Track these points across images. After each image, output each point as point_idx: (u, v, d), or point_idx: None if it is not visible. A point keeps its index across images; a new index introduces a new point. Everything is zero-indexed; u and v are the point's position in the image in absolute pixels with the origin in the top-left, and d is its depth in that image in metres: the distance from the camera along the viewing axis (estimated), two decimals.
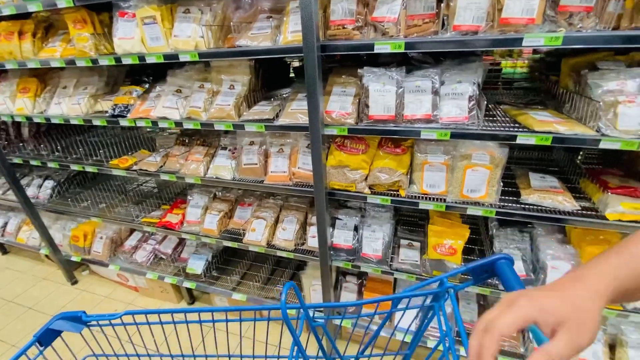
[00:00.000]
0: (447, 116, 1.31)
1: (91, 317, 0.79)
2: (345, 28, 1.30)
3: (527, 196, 1.39)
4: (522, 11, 1.06)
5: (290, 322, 0.65)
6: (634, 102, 1.09)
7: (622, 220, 1.22)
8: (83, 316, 0.78)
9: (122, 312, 0.80)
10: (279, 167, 1.72)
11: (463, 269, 0.67)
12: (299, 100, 1.58)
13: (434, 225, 1.69)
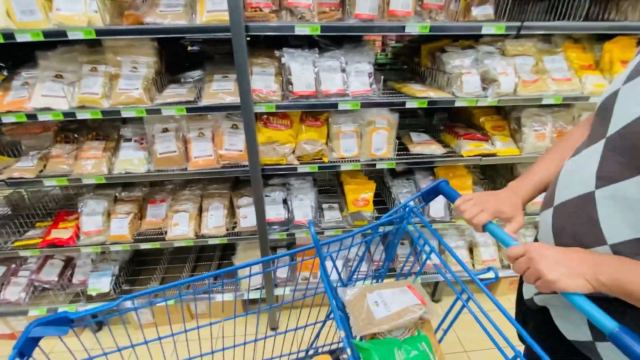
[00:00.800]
0: (355, 90, 1.60)
1: (78, 314, 0.71)
2: (262, 10, 1.41)
3: (413, 148, 1.85)
4: (402, 5, 1.42)
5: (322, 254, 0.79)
6: (471, 73, 1.62)
7: (470, 155, 1.79)
8: (70, 315, 0.70)
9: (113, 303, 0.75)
10: (204, 151, 1.69)
11: (417, 195, 0.96)
12: (217, 82, 1.59)
13: (349, 185, 2.01)
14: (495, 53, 1.72)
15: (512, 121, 1.93)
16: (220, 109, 1.51)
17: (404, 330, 0.77)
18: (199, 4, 1.38)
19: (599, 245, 0.68)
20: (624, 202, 0.63)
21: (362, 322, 0.76)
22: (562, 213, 0.76)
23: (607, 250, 0.66)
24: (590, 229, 0.68)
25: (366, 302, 0.81)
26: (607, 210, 0.66)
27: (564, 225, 0.75)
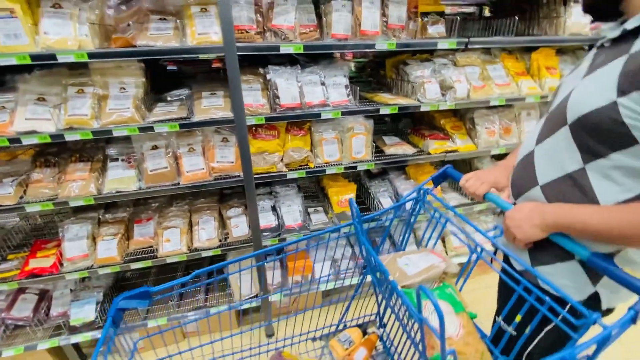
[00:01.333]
0: (335, 100, 1.78)
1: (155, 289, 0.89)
2: (248, 32, 1.55)
3: (388, 150, 2.07)
4: (372, 26, 1.64)
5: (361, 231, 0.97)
6: (431, 82, 1.88)
7: (437, 152, 2.05)
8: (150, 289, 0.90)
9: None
10: (195, 165, 1.74)
11: (429, 178, 1.17)
12: (207, 98, 1.68)
13: (332, 188, 2.17)
14: (449, 64, 2.01)
15: (467, 121, 2.23)
16: (213, 123, 1.60)
17: (431, 283, 0.93)
18: (189, 27, 1.48)
19: (534, 187, 0.92)
20: (550, 152, 0.88)
21: (398, 278, 0.91)
22: (517, 169, 1.01)
23: (537, 190, 0.91)
24: (529, 175, 0.93)
25: (397, 264, 0.96)
26: (539, 160, 0.91)
27: (516, 177, 1.00)
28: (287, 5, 1.55)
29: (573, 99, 0.82)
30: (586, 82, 0.81)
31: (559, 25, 1.95)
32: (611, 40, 0.82)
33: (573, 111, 0.81)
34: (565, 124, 0.83)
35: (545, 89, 2.07)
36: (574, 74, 0.92)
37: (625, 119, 0.71)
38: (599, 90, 0.76)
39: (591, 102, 0.77)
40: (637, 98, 0.69)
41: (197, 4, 1.50)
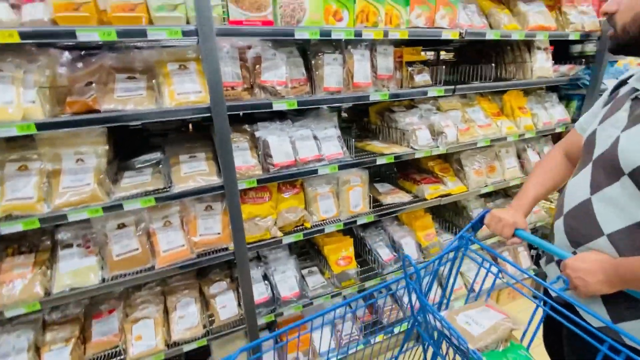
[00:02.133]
0: (329, 153, 1.65)
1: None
2: (234, 89, 1.39)
3: (384, 199, 1.96)
4: (364, 77, 1.58)
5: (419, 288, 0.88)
6: (421, 128, 1.85)
7: (433, 197, 1.98)
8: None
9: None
10: (173, 242, 1.46)
11: (468, 225, 1.12)
12: (186, 163, 1.45)
13: (328, 245, 1.97)
14: (433, 109, 2.01)
15: (453, 162, 2.23)
16: (197, 193, 1.36)
17: (498, 343, 0.84)
18: (166, 87, 1.28)
19: (599, 237, 0.88)
20: (611, 201, 0.86)
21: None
22: (570, 217, 0.97)
23: (605, 240, 0.87)
24: (590, 224, 0.90)
25: (458, 323, 0.87)
26: (600, 209, 0.88)
27: (572, 226, 0.96)
28: (276, 59, 1.44)
29: (624, 150, 0.82)
30: (633, 132, 0.82)
31: (526, 69, 2.08)
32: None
33: (629, 161, 0.81)
34: (622, 173, 0.82)
35: (521, 128, 2.15)
36: (609, 124, 0.92)
37: None
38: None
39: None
40: None
41: (175, 60, 1.32)
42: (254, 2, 1.24)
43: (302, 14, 1.32)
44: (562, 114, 2.33)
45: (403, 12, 1.54)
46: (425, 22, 1.59)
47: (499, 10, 1.92)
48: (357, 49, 1.56)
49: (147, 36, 1.10)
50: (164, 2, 1.12)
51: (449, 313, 0.95)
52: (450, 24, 1.65)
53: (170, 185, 1.36)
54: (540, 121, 2.23)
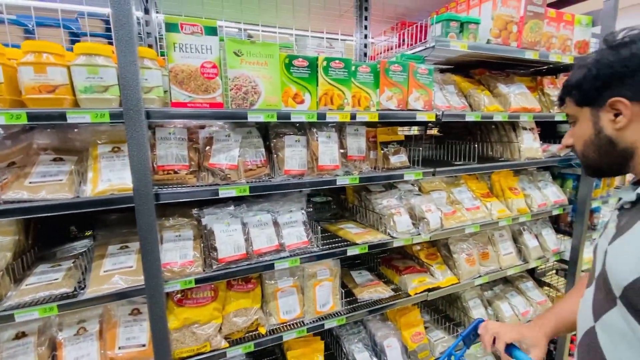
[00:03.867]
0: (291, 243, 1.42)
1: None
2: (177, 173, 1.22)
3: (360, 294, 1.67)
4: (330, 160, 1.42)
5: None
6: (400, 213, 1.65)
7: (418, 292, 1.69)
8: None
9: None
10: (84, 357, 1.16)
11: (458, 340, 1.00)
12: (113, 257, 1.21)
13: (292, 349, 1.63)
14: (415, 190, 1.83)
15: (441, 248, 1.98)
16: (114, 298, 1.10)
17: None
18: (92, 172, 1.11)
19: None
20: (614, 330, 0.74)
21: None
22: (581, 348, 0.84)
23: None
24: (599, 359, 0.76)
25: None
26: (605, 340, 0.76)
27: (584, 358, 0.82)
28: (230, 141, 1.30)
29: (610, 266, 0.75)
30: (617, 245, 0.75)
31: (513, 149, 1.95)
32: (630, 203, 0.79)
33: (615, 279, 0.72)
34: (615, 296, 0.73)
35: (514, 211, 1.95)
36: (604, 236, 0.84)
37: None
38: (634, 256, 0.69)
39: (631, 268, 0.68)
40: None
41: (109, 141, 1.17)
42: (201, 84, 1.13)
43: (257, 97, 1.21)
44: (558, 195, 2.15)
45: (372, 94, 1.44)
46: (397, 104, 1.49)
47: (479, 91, 1.85)
48: (322, 130, 1.44)
49: (67, 119, 0.96)
50: (92, 83, 1.00)
51: None
52: (425, 105, 1.55)
53: (83, 287, 1.11)
54: (534, 203, 2.03)
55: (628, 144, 0.78)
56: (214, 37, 1.14)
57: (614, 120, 0.78)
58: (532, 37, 1.73)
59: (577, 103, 0.84)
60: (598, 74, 0.78)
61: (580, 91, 0.82)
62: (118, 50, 0.93)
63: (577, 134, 0.86)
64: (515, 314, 2.13)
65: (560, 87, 0.89)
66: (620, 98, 0.76)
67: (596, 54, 0.80)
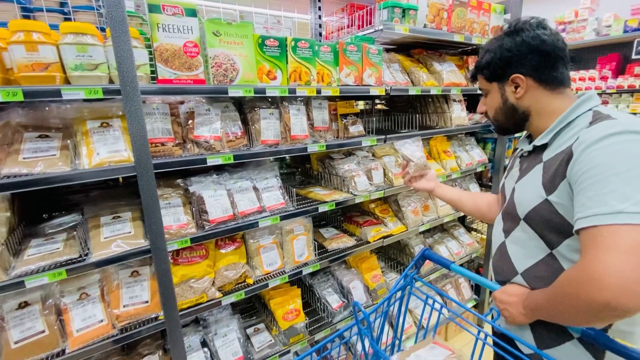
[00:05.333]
0: (270, 204, 1.63)
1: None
2: (165, 145, 1.33)
3: (329, 245, 1.96)
4: (301, 130, 1.63)
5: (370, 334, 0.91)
6: (359, 175, 1.94)
7: (375, 239, 2.03)
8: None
9: None
10: (90, 318, 1.27)
11: (411, 264, 1.18)
12: (108, 226, 1.31)
13: (273, 298, 1.88)
14: (369, 156, 2.13)
15: (391, 204, 2.35)
16: (120, 260, 1.22)
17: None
18: (84, 146, 1.18)
19: (515, 275, 1.00)
20: (519, 243, 1.00)
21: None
22: (495, 260, 1.10)
23: (520, 278, 0.99)
24: (509, 264, 1.03)
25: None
26: (512, 251, 1.02)
27: (497, 268, 1.09)
28: (211, 115, 1.43)
29: (517, 199, 1.00)
30: (522, 184, 1.00)
31: (446, 118, 2.34)
32: (528, 151, 1.03)
33: (521, 208, 0.97)
34: (520, 219, 0.98)
35: (448, 169, 2.37)
36: (510, 177, 1.12)
37: (560, 211, 0.86)
38: (533, 190, 0.93)
39: (532, 199, 0.93)
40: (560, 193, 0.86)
41: (96, 117, 1.24)
42: (185, 62, 1.25)
43: (235, 74, 1.36)
44: (481, 155, 2.63)
45: (333, 71, 1.66)
46: (354, 80, 1.73)
47: (418, 69, 2.17)
48: (292, 104, 1.63)
49: (62, 96, 1.03)
50: (82, 61, 1.07)
51: (400, 355, 0.99)
52: (376, 81, 1.82)
53: (87, 253, 1.21)
54: (463, 162, 2.48)
55: (525, 108, 0.99)
56: (194, 18, 1.24)
57: (514, 92, 0.98)
58: (459, 22, 2.07)
59: (487, 79, 1.05)
60: (501, 56, 0.98)
61: (489, 70, 1.02)
62: (112, 30, 1.01)
63: (489, 103, 1.08)
64: (451, 254, 2.62)
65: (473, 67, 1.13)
66: (518, 74, 0.96)
67: (497, 40, 1.00)
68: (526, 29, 0.95)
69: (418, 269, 1.34)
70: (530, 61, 0.94)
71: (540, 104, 0.97)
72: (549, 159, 0.91)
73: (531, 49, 0.93)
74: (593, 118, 0.86)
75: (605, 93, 4.40)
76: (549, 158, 0.92)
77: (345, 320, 2.02)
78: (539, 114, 0.98)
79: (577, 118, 0.90)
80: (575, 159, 0.81)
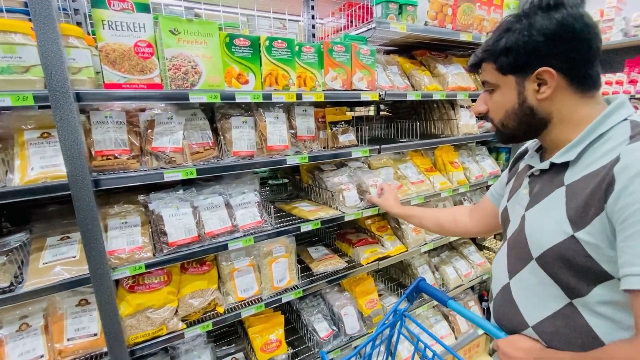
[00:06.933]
0: (245, 223, 1.45)
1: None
2: (118, 158, 1.18)
3: (316, 268, 1.76)
4: (279, 140, 1.45)
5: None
6: (349, 188, 1.73)
7: (369, 262, 1.82)
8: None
9: None
10: (30, 352, 1.12)
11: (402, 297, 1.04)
12: (52, 248, 1.16)
13: (253, 326, 1.69)
14: (363, 167, 1.93)
15: (390, 220, 2.12)
16: (57, 289, 1.06)
17: None
18: (19, 159, 1.04)
19: (525, 329, 0.82)
20: (528, 288, 0.81)
21: None
22: (498, 304, 0.91)
23: (531, 332, 0.80)
24: (515, 314, 0.84)
25: None
26: (520, 297, 0.83)
27: (500, 315, 0.90)
28: (172, 124, 1.27)
29: (530, 232, 0.80)
30: (535, 213, 0.80)
31: (452, 126, 2.11)
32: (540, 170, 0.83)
33: (535, 244, 0.78)
34: (531, 258, 0.79)
35: (454, 183, 2.13)
36: (515, 200, 0.90)
37: (591, 253, 0.68)
38: (553, 223, 0.74)
39: (550, 234, 0.74)
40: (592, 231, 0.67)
41: (38, 127, 1.10)
42: (136, 64, 1.09)
43: (198, 77, 1.19)
44: (493, 167, 2.37)
45: (318, 74, 1.48)
46: (342, 84, 1.54)
47: (420, 72, 1.96)
48: (270, 111, 1.45)
49: None
50: (9, 63, 0.93)
51: None
52: (369, 85, 1.62)
53: (21, 282, 1.06)
54: (472, 175, 2.23)
55: (545, 114, 0.76)
56: (147, 14, 1.09)
57: (537, 90, 0.74)
58: (465, 19, 1.85)
59: (502, 70, 0.77)
60: (529, 40, 0.71)
61: (508, 58, 0.75)
62: (36, 26, 0.86)
63: (498, 102, 0.81)
64: (459, 276, 2.36)
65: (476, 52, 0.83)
66: (549, 68, 0.71)
67: (525, 16, 0.73)
68: (567, 5, 0.70)
69: (411, 302, 1.15)
70: (567, 52, 0.70)
71: (566, 110, 0.75)
72: (575, 182, 0.72)
73: (572, 34, 0.69)
74: (633, 131, 0.68)
75: (635, 98, 4.02)
76: (574, 180, 0.72)
77: (335, 352, 1.80)
78: (562, 122, 0.76)
79: (611, 129, 0.70)
80: (621, 188, 0.62)
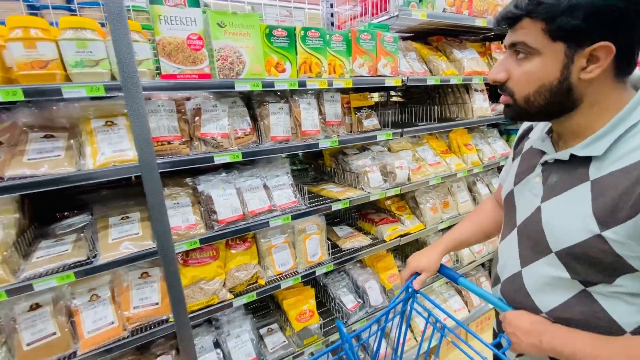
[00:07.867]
0: (281, 203, 1.57)
1: None
2: (171, 143, 1.29)
3: (343, 244, 1.89)
4: (312, 125, 1.55)
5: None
6: (373, 170, 1.84)
7: (392, 239, 1.94)
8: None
9: None
10: (101, 319, 1.25)
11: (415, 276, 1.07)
12: (116, 227, 1.29)
13: (287, 299, 1.83)
14: (385, 151, 2.03)
15: (409, 200, 2.24)
16: (128, 262, 1.19)
17: None
18: (89, 146, 1.15)
19: (538, 314, 0.80)
20: (542, 278, 0.78)
21: None
22: (507, 289, 0.88)
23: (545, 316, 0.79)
24: (526, 300, 0.82)
25: None
26: (532, 286, 0.81)
27: (508, 297, 0.88)
28: (218, 111, 1.37)
29: (548, 226, 0.75)
30: (554, 206, 0.75)
31: (467, 109, 2.20)
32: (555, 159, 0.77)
33: (555, 239, 0.74)
34: (550, 251, 0.76)
35: (469, 164, 2.24)
36: (525, 187, 0.85)
37: (619, 251, 0.65)
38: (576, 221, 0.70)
39: (574, 232, 0.70)
40: (623, 231, 0.63)
41: (101, 116, 1.20)
42: (189, 55, 1.19)
43: (242, 67, 1.29)
44: (504, 148, 2.48)
45: (346, 62, 1.57)
46: (368, 70, 1.63)
47: (437, 57, 2.04)
48: (303, 97, 1.55)
49: (63, 94, 0.99)
50: (82, 58, 1.03)
51: None
52: (392, 71, 1.71)
53: (95, 256, 1.18)
54: (485, 156, 2.34)
55: (579, 96, 0.67)
56: (197, 8, 1.18)
57: (584, 68, 0.64)
58: (481, 5, 1.93)
59: (553, 33, 0.63)
60: (606, 3, 0.58)
61: (572, 19, 0.60)
62: (110, 23, 0.96)
63: (532, 74, 0.68)
64: (472, 252, 2.50)
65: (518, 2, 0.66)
66: (610, 44, 0.60)
67: None
68: None
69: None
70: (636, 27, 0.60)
71: (600, 95, 0.67)
72: (602, 178, 0.66)
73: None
74: None
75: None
76: (601, 176, 0.66)
77: (362, 322, 1.95)
78: (591, 106, 0.68)
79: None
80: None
